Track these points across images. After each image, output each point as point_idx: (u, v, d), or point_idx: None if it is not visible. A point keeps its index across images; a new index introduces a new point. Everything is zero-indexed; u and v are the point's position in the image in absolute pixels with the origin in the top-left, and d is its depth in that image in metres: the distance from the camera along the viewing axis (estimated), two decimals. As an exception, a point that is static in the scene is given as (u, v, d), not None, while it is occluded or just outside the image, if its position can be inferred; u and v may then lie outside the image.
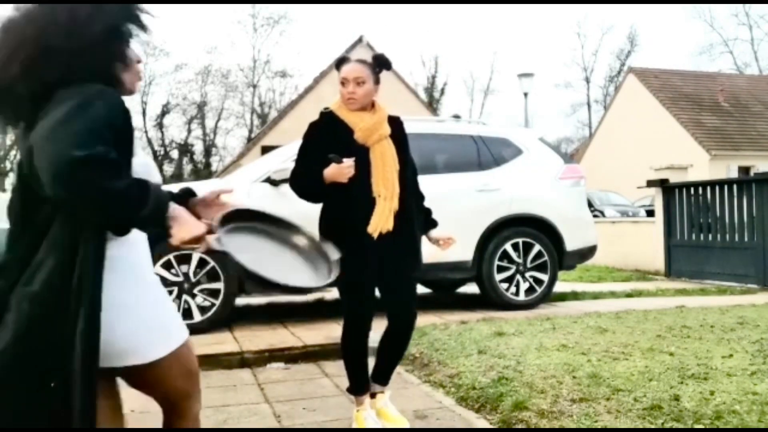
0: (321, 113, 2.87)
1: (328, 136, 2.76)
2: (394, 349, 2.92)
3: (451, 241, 2.96)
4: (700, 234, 9.01)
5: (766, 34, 57.29)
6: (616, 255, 10.57)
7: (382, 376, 2.95)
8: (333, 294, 6.88)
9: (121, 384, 1.76)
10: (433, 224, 3.03)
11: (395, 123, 2.89)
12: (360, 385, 2.90)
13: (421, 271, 2.90)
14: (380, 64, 2.84)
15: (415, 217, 2.86)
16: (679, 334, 4.44)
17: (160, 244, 1.72)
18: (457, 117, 7.02)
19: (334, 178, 2.65)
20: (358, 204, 2.70)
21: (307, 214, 2.67)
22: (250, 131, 42.04)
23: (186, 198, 1.81)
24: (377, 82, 2.82)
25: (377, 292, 2.82)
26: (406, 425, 2.89)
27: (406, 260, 2.80)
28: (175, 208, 1.61)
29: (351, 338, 2.82)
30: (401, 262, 2.79)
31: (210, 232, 1.69)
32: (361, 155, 2.72)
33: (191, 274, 5.04)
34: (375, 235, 2.67)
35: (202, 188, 1.98)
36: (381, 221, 2.68)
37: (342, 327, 2.84)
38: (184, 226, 1.63)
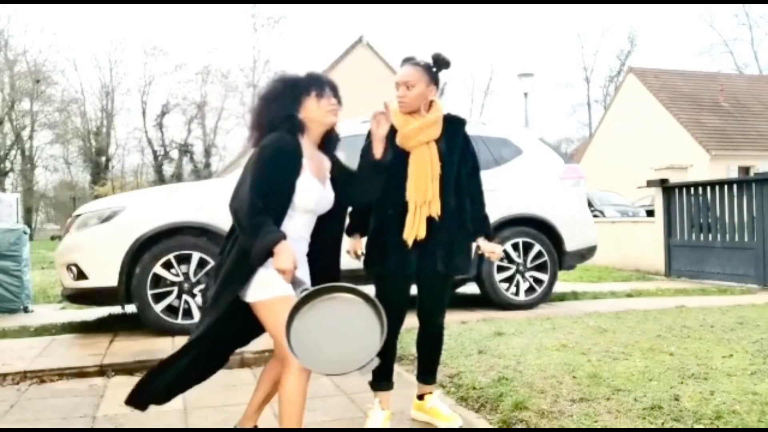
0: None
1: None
2: (429, 350, 3.00)
3: (495, 256, 3.03)
4: (700, 234, 9.01)
5: (766, 34, 57.37)
6: (616, 255, 10.57)
7: (425, 376, 3.03)
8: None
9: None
10: (485, 233, 3.02)
11: (453, 124, 2.87)
12: (375, 383, 2.93)
13: (463, 274, 2.97)
14: (438, 63, 2.83)
15: (457, 222, 2.86)
16: (679, 334, 4.44)
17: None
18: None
19: (372, 131, 2.57)
20: (395, 209, 2.77)
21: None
22: (250, 131, 41.96)
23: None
24: (434, 82, 2.83)
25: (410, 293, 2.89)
26: (459, 423, 2.91)
27: (437, 266, 2.83)
28: (283, 244, 2.21)
29: None
30: (433, 269, 2.83)
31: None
32: (402, 159, 2.76)
33: (191, 274, 5.04)
34: (410, 242, 2.75)
35: (203, 188, 2.01)
36: (413, 228, 2.75)
37: None
38: (278, 258, 2.20)
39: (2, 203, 13.12)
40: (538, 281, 6.05)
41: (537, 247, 6.01)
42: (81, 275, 5.01)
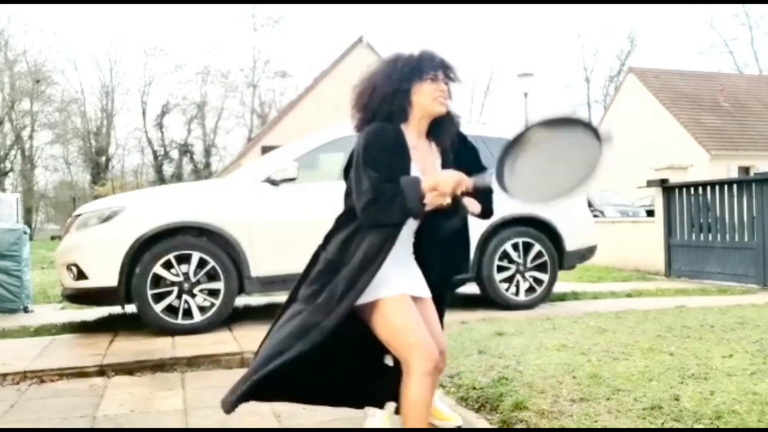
0: None
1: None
2: None
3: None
4: (700, 234, 9.01)
5: (766, 34, 57.36)
6: (616, 255, 10.57)
7: None
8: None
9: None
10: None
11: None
12: None
13: (465, 273, 2.96)
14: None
15: (442, 225, 2.86)
16: (679, 334, 4.44)
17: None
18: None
19: None
20: None
21: (305, 215, 2.66)
22: (250, 131, 42.07)
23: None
24: None
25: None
26: (459, 423, 2.91)
27: (436, 264, 2.83)
28: (425, 180, 2.08)
29: None
30: (432, 266, 2.83)
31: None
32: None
33: (191, 274, 5.04)
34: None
35: (203, 188, 2.00)
36: None
37: None
38: (441, 186, 2.08)
39: (2, 203, 13.14)
40: (538, 281, 6.05)
41: (537, 247, 6.01)
42: (81, 275, 5.01)
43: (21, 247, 6.66)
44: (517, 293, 5.99)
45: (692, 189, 9.25)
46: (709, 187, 9.02)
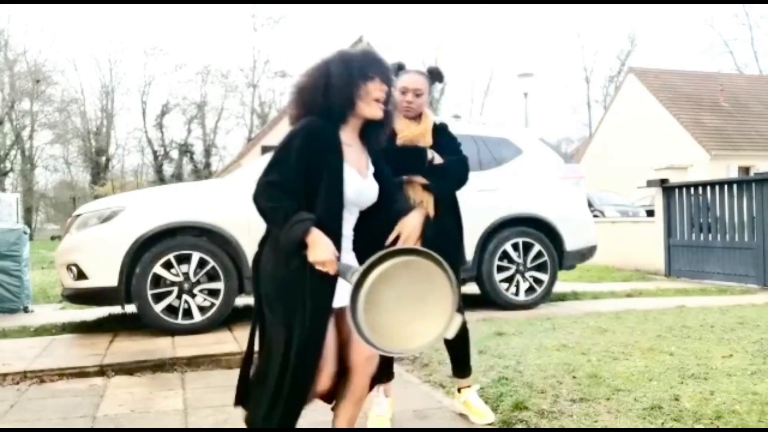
0: None
1: None
2: (454, 346, 3.08)
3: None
4: (700, 234, 9.01)
5: (766, 34, 57.37)
6: (616, 255, 10.57)
7: (457, 370, 3.11)
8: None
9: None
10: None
11: (438, 131, 2.96)
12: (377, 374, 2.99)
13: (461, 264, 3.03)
14: (434, 77, 2.98)
15: (451, 217, 2.94)
16: (679, 334, 4.44)
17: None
18: (456, 117, 7.02)
19: None
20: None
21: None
22: (250, 131, 42.05)
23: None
24: (430, 93, 2.97)
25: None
26: (491, 419, 2.95)
27: None
28: (313, 233, 2.01)
29: None
30: None
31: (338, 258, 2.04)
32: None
33: (191, 274, 5.04)
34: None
35: (203, 188, 2.01)
36: None
37: None
38: (313, 249, 2.00)
39: (2, 203, 13.12)
40: (538, 281, 6.04)
41: (537, 247, 6.00)
42: (81, 275, 5.01)
43: (21, 247, 6.66)
44: (517, 293, 5.99)
45: (692, 189, 9.25)
46: (709, 187, 9.02)
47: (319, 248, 1.99)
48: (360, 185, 2.18)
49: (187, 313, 5.04)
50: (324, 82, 2.14)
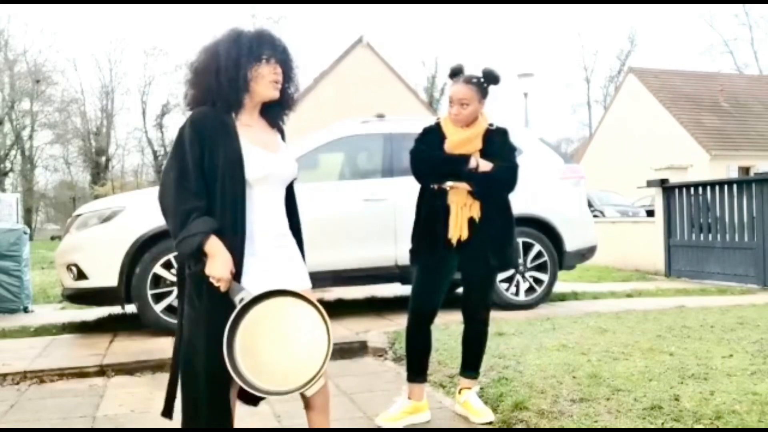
0: (436, 122, 3.13)
1: (430, 141, 3.05)
2: (472, 347, 3.22)
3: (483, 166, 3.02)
4: (700, 234, 9.00)
5: (766, 34, 57.39)
6: (616, 255, 10.57)
7: (465, 371, 3.20)
8: (333, 294, 6.88)
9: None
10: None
11: (494, 134, 3.04)
12: (410, 375, 3.11)
13: (515, 267, 3.14)
14: (489, 79, 3.04)
15: (503, 219, 3.07)
16: (679, 334, 4.44)
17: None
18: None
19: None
20: (441, 212, 2.98)
21: (304, 215, 2.66)
22: (250, 131, 42.00)
23: None
24: (484, 96, 3.04)
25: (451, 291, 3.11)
26: (491, 418, 2.99)
27: (491, 262, 3.05)
28: (213, 245, 1.96)
29: (411, 331, 3.12)
30: (475, 268, 3.07)
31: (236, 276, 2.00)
32: None
33: (191, 274, 5.03)
34: (454, 241, 2.96)
35: None
36: (456, 229, 2.96)
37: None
38: (210, 262, 1.96)
39: (2, 203, 13.14)
40: (538, 281, 6.04)
41: (537, 247, 6.00)
42: (81, 275, 5.01)
43: (21, 247, 6.66)
44: (517, 293, 5.98)
45: (692, 189, 9.25)
46: (709, 187, 9.02)
47: (216, 262, 1.94)
48: (266, 159, 2.11)
49: (187, 313, 5.03)
50: (215, 65, 2.07)
